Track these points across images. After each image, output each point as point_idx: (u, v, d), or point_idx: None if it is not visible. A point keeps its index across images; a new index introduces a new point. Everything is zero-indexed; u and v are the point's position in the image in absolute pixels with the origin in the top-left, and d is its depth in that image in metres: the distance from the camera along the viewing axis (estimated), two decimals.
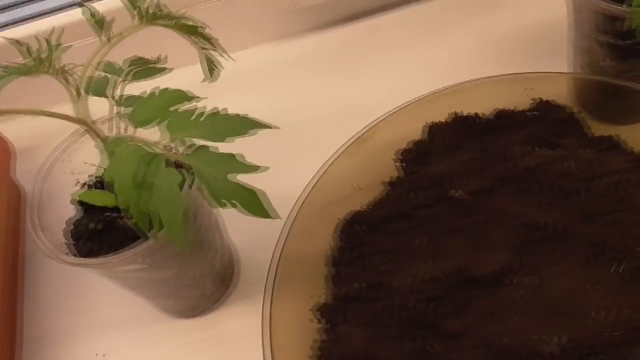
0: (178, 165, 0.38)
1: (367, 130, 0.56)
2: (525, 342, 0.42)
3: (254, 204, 0.35)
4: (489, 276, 0.46)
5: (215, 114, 0.37)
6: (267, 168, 0.36)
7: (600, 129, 0.57)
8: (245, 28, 0.74)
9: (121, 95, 0.45)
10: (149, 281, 0.50)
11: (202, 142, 0.37)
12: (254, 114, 0.69)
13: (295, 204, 0.54)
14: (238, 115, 0.38)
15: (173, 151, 0.38)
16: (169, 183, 0.35)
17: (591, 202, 0.46)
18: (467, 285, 0.46)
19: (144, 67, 0.46)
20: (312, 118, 0.69)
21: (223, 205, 0.35)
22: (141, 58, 0.47)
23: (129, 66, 0.47)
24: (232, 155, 0.36)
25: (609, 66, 0.54)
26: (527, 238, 0.47)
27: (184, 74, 0.49)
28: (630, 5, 0.43)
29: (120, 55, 0.47)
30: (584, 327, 0.42)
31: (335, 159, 0.55)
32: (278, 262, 0.50)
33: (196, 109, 0.38)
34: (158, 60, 0.48)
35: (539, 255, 0.46)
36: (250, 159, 0.65)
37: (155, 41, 0.49)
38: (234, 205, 0.35)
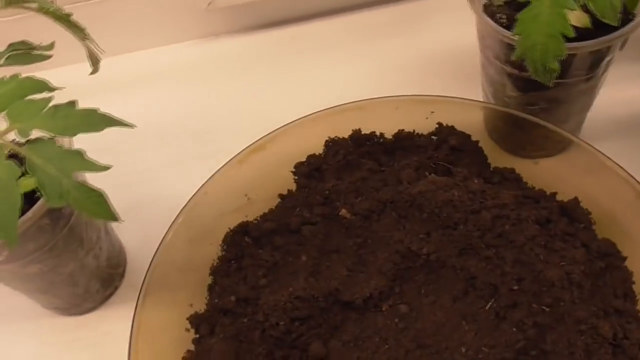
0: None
1: (260, 140, 0.55)
2: None
3: (99, 205, 0.33)
4: (361, 301, 0.45)
5: (67, 107, 0.35)
6: (110, 167, 0.34)
7: (504, 160, 0.55)
8: (159, 25, 0.71)
9: None
10: (18, 275, 0.48)
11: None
12: (162, 112, 0.68)
13: (180, 210, 0.52)
14: (93, 110, 0.35)
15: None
16: (7, 176, 0.33)
17: (469, 235, 0.45)
18: (339, 308, 0.45)
19: (21, 52, 0.43)
20: (221, 122, 0.68)
21: (61, 204, 0.32)
22: (25, 42, 0.45)
23: (9, 50, 0.44)
24: (78, 152, 0.34)
25: (512, 97, 0.53)
26: (404, 266, 0.46)
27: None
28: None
29: None
30: None
31: (223, 166, 0.53)
32: (149, 267, 0.48)
33: (48, 99, 0.35)
34: (45, 47, 0.45)
35: (412, 285, 0.45)
36: (148, 159, 0.64)
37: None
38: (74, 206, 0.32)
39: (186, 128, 0.66)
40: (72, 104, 0.35)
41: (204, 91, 0.70)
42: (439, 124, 0.54)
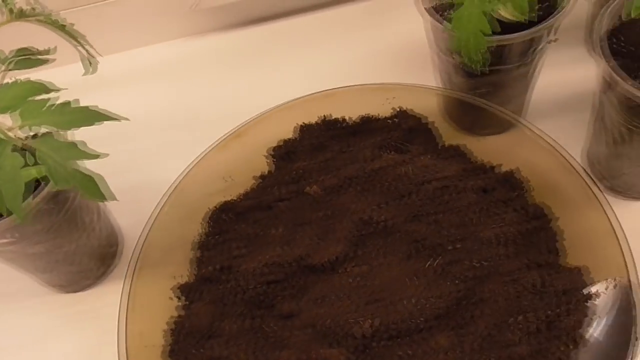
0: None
1: (240, 127, 0.61)
2: (342, 323, 0.47)
3: (91, 188, 0.40)
4: (326, 264, 0.51)
5: (66, 105, 0.42)
6: (106, 155, 0.41)
7: (458, 138, 0.62)
8: (149, 25, 0.78)
9: None
10: (24, 255, 0.54)
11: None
12: (153, 105, 0.76)
13: (165, 193, 0.58)
14: (86, 107, 0.42)
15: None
16: (12, 165, 0.40)
17: (419, 203, 0.52)
18: (307, 272, 0.52)
19: (27, 57, 0.49)
20: (206, 113, 0.75)
21: (65, 187, 0.39)
22: (26, 48, 0.51)
23: (15, 55, 0.50)
24: (74, 144, 0.41)
25: (459, 82, 0.60)
26: (363, 232, 0.52)
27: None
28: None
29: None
30: (395, 312, 0.47)
31: (208, 152, 0.60)
32: (142, 246, 0.55)
33: (49, 99, 0.42)
34: (46, 51, 0.52)
35: (370, 248, 0.52)
36: (143, 148, 0.71)
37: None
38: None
39: (175, 119, 0.74)
40: (67, 103, 0.42)
41: (190, 85, 0.78)
42: (395, 108, 0.61)
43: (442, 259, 0.49)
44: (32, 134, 0.44)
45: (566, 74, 0.69)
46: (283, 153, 0.61)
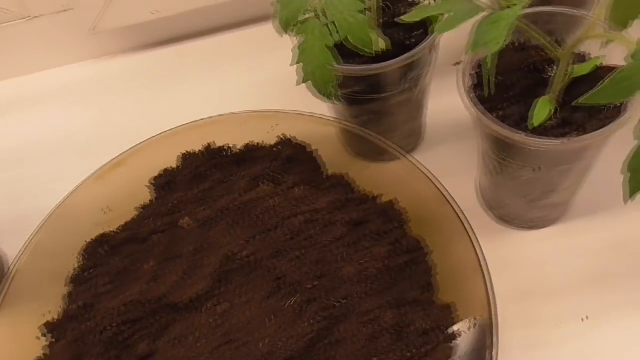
0: None
1: (120, 156, 0.60)
2: None
3: None
4: (187, 302, 0.49)
5: None
6: None
7: (350, 165, 0.61)
8: (47, 49, 0.76)
9: None
10: None
11: None
12: (50, 131, 0.73)
13: (38, 225, 0.56)
14: None
15: None
16: None
17: (284, 238, 0.50)
18: (168, 310, 0.50)
19: None
20: (103, 138, 0.72)
21: None
22: None
23: None
24: None
25: (342, 110, 0.58)
26: (227, 268, 0.50)
27: None
28: None
29: None
30: (248, 355, 0.46)
31: (83, 182, 0.58)
32: (9, 281, 0.52)
33: None
34: None
35: (234, 285, 0.50)
36: (37, 175, 0.68)
37: None
38: None
39: (72, 145, 0.72)
40: None
41: (89, 110, 0.76)
42: (279, 136, 0.59)
43: (301, 297, 0.47)
44: None
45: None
46: (163, 183, 0.59)
